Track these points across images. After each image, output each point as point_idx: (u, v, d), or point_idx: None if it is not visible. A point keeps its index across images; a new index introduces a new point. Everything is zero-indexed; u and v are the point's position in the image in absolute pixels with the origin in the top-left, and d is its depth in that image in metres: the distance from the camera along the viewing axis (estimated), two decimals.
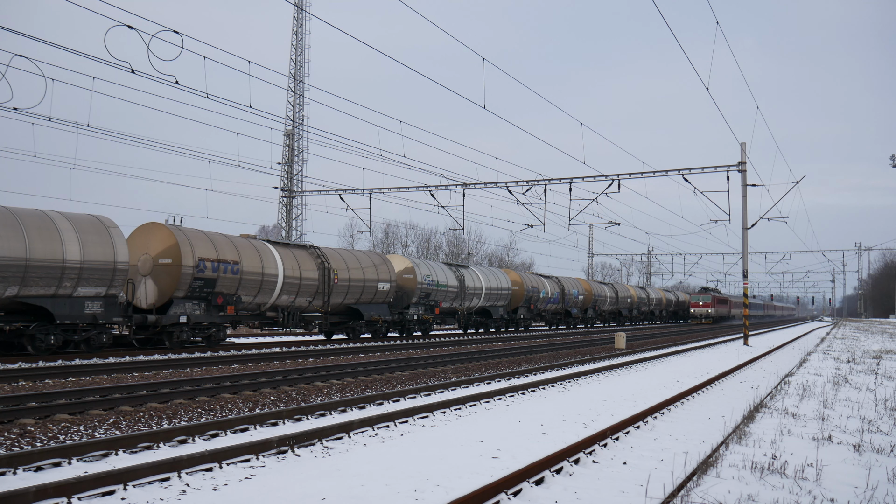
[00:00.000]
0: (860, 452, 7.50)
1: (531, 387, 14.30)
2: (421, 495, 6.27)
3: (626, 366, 20.00)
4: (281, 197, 41.97)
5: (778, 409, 10.45)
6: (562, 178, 32.13)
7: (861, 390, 13.03)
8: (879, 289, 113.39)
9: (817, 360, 20.42)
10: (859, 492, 5.93)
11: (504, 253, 77.25)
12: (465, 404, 11.82)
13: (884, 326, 59.53)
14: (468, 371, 17.60)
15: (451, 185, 33.69)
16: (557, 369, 18.56)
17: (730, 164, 29.84)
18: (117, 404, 10.65)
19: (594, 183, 31.85)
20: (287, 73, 43.61)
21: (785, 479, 6.21)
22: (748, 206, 30.55)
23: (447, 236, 68.88)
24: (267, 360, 18.62)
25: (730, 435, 8.68)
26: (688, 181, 30.03)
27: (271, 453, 7.79)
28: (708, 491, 5.72)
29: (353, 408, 11.25)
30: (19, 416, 9.42)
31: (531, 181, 32.38)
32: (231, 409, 10.98)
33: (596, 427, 9.79)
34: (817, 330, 59.80)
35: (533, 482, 6.73)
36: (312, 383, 14.13)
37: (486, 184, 33.31)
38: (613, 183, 30.92)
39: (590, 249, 76.42)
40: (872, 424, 9.30)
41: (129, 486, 6.28)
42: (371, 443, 8.68)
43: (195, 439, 8.51)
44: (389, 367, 17.01)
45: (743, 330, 31.98)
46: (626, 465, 7.70)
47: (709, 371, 18.56)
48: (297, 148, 42.19)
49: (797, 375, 15.88)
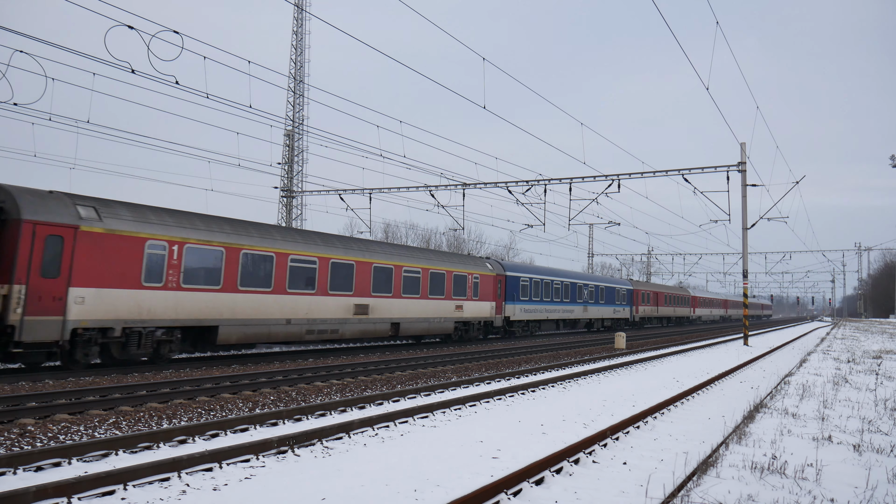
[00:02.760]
0: (860, 452, 7.49)
1: (531, 387, 14.30)
2: (421, 495, 6.26)
3: (626, 366, 19.99)
4: (281, 197, 41.96)
5: (778, 409, 10.44)
6: (562, 178, 32.13)
7: (861, 390, 13.02)
8: (879, 289, 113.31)
9: (817, 360, 20.41)
10: (859, 492, 5.93)
11: (504, 253, 77.23)
12: (465, 404, 11.82)
13: (884, 326, 59.51)
14: (468, 371, 17.59)
15: (451, 185, 33.69)
16: (557, 369, 18.55)
17: (730, 164, 29.83)
18: (117, 404, 10.65)
19: (594, 183, 31.86)
20: (287, 73, 43.62)
21: (785, 480, 6.21)
22: (748, 206, 30.57)
23: (447, 236, 68.87)
24: (267, 361, 18.61)
25: (730, 435, 8.67)
26: (688, 181, 30.03)
27: (271, 453, 7.79)
28: (708, 491, 5.71)
29: (353, 408, 11.25)
30: (19, 416, 9.42)
31: (531, 181, 32.37)
32: (231, 410, 10.97)
33: (596, 427, 9.79)
34: (817, 330, 59.79)
35: (533, 482, 6.73)
36: (312, 383, 14.13)
37: (486, 184, 33.30)
38: (613, 183, 30.92)
39: (590, 249, 76.39)
40: (872, 424, 9.30)
41: (129, 486, 6.28)
42: (371, 443, 8.68)
43: (195, 439, 8.50)
44: (389, 367, 17.01)
45: (743, 330, 31.99)
46: (626, 465, 7.70)
47: (709, 371, 18.56)
48: (297, 148, 42.20)
49: (797, 375, 15.87)
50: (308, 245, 20.29)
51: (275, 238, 19.21)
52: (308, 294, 19.89)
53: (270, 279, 18.67)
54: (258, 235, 18.69)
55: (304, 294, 19.76)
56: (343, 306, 21.26)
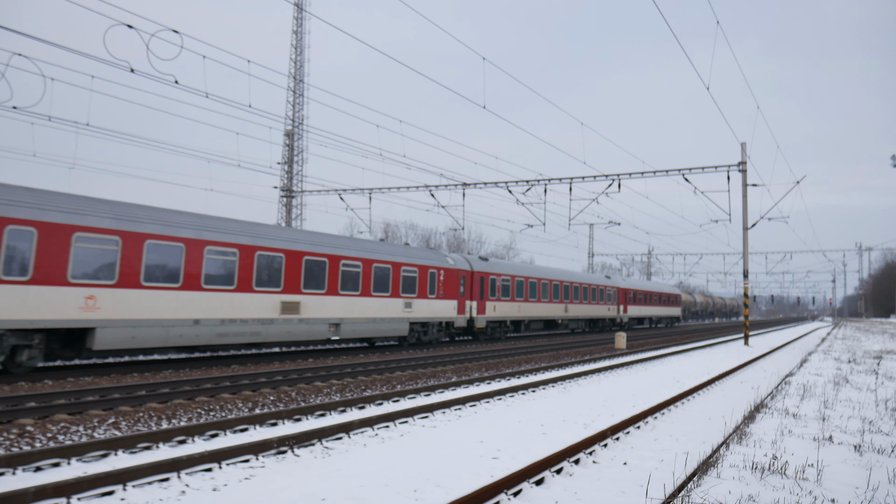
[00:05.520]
0: (861, 453, 7.47)
1: (531, 387, 14.29)
2: (421, 495, 6.25)
3: (627, 366, 19.98)
4: (281, 196, 41.94)
5: (779, 409, 10.42)
6: (562, 177, 32.11)
7: (862, 390, 13.00)
8: (880, 289, 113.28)
9: (818, 361, 20.39)
10: (860, 492, 5.91)
11: (504, 253, 77.21)
12: (465, 404, 11.81)
13: (884, 326, 59.47)
14: (468, 371, 17.58)
15: (451, 185, 33.68)
16: (557, 369, 18.54)
17: (730, 164, 29.82)
18: (116, 404, 10.64)
19: (594, 183, 31.85)
20: (287, 72, 43.62)
21: (786, 480, 6.19)
22: (749, 205, 30.57)
23: (447, 236, 68.86)
24: (266, 361, 18.59)
25: (730, 435, 8.65)
26: (688, 181, 30.01)
27: (271, 453, 7.78)
28: (708, 491, 5.70)
29: (352, 408, 11.23)
30: (18, 417, 9.41)
31: (531, 181, 32.36)
32: (230, 410, 10.96)
33: (596, 427, 9.78)
34: (818, 330, 59.76)
35: (533, 482, 6.72)
36: (312, 383, 14.12)
37: (486, 183, 33.29)
38: (613, 183, 30.91)
39: (590, 249, 76.39)
40: (873, 425, 9.28)
41: (129, 487, 6.27)
42: (371, 443, 8.66)
43: (195, 439, 8.49)
44: (389, 367, 17.00)
45: (744, 330, 31.97)
46: (627, 465, 7.69)
47: (709, 371, 18.54)
48: (296, 147, 42.18)
49: (798, 375, 15.85)
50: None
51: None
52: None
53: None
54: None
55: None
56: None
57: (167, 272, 16.12)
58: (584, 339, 34.82)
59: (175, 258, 16.27)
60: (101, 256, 14.76)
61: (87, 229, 14.47)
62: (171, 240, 16.23)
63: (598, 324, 44.96)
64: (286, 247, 19.47)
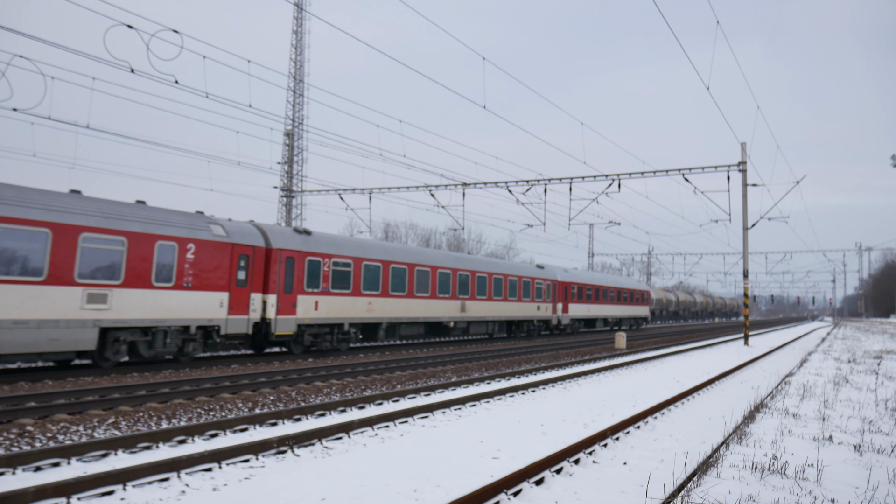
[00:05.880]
0: (861, 453, 7.47)
1: (531, 387, 14.28)
2: (421, 495, 6.25)
3: (627, 366, 19.98)
4: (281, 196, 41.94)
5: (778, 409, 10.42)
6: (562, 177, 32.12)
7: (862, 390, 13.00)
8: (880, 289, 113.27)
9: (818, 360, 20.38)
10: (860, 492, 5.91)
11: (504, 253, 77.23)
12: (465, 404, 11.81)
13: (884, 326, 59.46)
14: (468, 371, 17.58)
15: (451, 185, 33.68)
16: (557, 369, 18.54)
17: (730, 164, 29.82)
18: (116, 404, 10.64)
19: (594, 183, 31.86)
20: (287, 72, 43.63)
21: (785, 480, 6.19)
22: (749, 205, 30.58)
23: (447, 236, 68.87)
24: (266, 361, 18.60)
25: (730, 435, 8.65)
26: (688, 181, 30.00)
27: (271, 453, 7.78)
28: (708, 491, 5.70)
29: (352, 408, 11.23)
30: (18, 417, 9.41)
31: (531, 181, 32.35)
32: (230, 410, 10.96)
33: (596, 427, 9.78)
34: (818, 330, 59.76)
35: (533, 482, 6.72)
36: (312, 383, 14.12)
37: (486, 183, 33.29)
38: (613, 183, 30.90)
39: (590, 249, 76.39)
40: (873, 425, 9.28)
41: (129, 487, 6.27)
42: (371, 443, 8.66)
43: (194, 439, 8.49)
44: (389, 367, 17.00)
45: (744, 330, 31.97)
46: (627, 465, 7.69)
47: (709, 371, 18.54)
48: (296, 147, 42.18)
49: (798, 375, 15.84)
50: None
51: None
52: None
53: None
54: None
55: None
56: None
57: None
58: (585, 338, 34.82)
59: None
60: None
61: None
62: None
63: (521, 327, 34.10)
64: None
